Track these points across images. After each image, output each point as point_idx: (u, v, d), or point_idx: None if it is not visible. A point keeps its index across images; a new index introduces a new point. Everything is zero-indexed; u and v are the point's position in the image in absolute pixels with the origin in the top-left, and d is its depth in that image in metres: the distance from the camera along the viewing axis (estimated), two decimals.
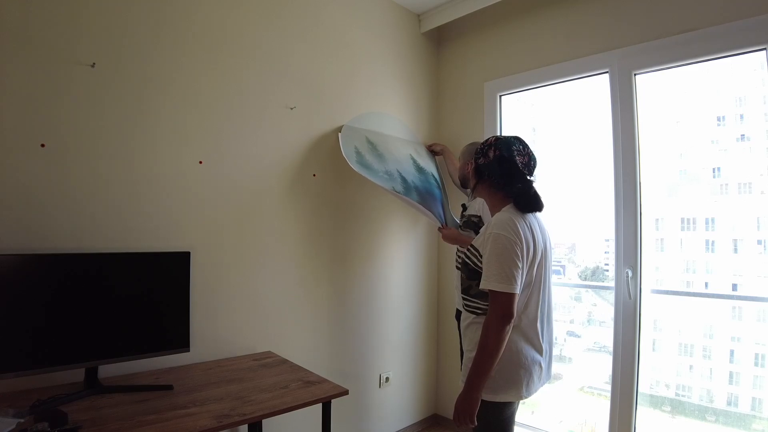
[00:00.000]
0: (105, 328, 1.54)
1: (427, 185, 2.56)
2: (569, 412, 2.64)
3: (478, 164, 1.53)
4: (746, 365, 2.08)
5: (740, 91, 2.11)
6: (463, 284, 1.54)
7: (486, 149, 1.51)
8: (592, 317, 2.66)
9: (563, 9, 2.49)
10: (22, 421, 1.16)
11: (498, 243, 1.35)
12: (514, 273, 1.33)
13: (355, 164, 2.28)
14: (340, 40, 2.51)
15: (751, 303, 2.08)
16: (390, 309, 2.75)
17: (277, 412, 1.44)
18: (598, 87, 2.37)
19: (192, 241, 1.90)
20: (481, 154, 1.52)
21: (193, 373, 1.76)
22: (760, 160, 2.05)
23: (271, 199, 2.19)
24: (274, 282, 2.19)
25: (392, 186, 2.32)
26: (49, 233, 1.56)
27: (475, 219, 2.08)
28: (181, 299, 1.71)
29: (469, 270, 1.47)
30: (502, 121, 2.81)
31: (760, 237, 2.04)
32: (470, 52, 2.94)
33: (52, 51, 1.57)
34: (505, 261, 1.33)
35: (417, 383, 2.93)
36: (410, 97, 2.92)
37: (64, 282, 1.47)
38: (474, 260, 1.45)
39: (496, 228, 1.38)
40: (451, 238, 2.27)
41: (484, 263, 1.38)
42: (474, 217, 2.09)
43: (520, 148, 1.47)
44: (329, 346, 2.42)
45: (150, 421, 1.29)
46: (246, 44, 2.10)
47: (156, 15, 1.82)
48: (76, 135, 1.63)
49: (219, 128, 2.01)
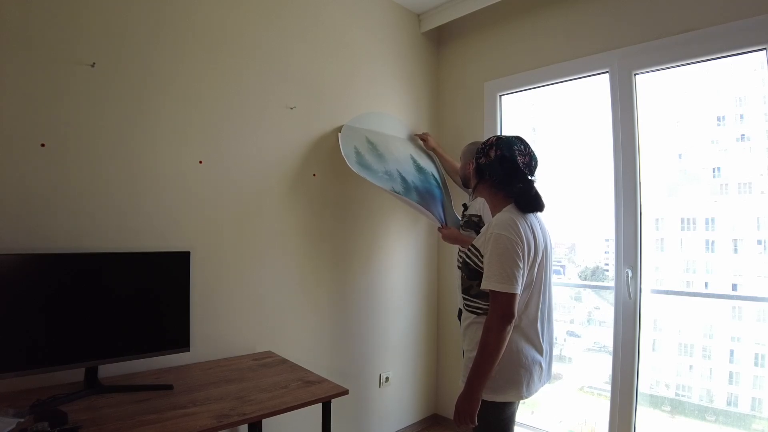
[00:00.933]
0: (105, 327, 1.54)
1: (428, 185, 2.56)
2: (569, 412, 2.64)
3: (479, 164, 1.53)
4: (746, 365, 2.08)
5: (740, 91, 2.11)
6: (463, 284, 1.54)
7: (487, 149, 1.51)
8: (592, 317, 2.66)
9: (563, 9, 2.49)
10: (22, 420, 1.16)
11: (499, 243, 1.35)
12: (515, 273, 1.33)
13: (355, 164, 2.28)
14: (340, 40, 2.51)
15: (751, 303, 2.08)
16: (390, 309, 2.75)
17: (277, 412, 1.44)
18: (598, 87, 2.37)
19: (192, 241, 1.90)
20: (482, 154, 1.52)
21: (193, 372, 1.76)
22: (760, 160, 2.05)
23: (271, 198, 2.19)
24: (274, 282, 2.19)
25: (392, 186, 2.32)
26: (49, 233, 1.56)
27: (475, 219, 2.08)
28: (181, 299, 1.71)
29: (470, 270, 1.47)
30: (502, 121, 2.81)
31: (760, 237, 2.04)
32: (470, 52, 2.94)
33: (52, 51, 1.57)
34: (506, 261, 1.33)
35: (417, 383, 2.93)
36: (410, 97, 2.92)
37: (64, 282, 1.47)
38: (474, 260, 1.45)
39: (498, 228, 1.38)
40: (451, 238, 2.27)
41: (486, 263, 1.38)
42: (474, 216, 2.09)
43: (522, 148, 1.47)
44: (329, 346, 2.42)
45: (150, 421, 1.29)
46: (246, 44, 2.10)
47: (156, 15, 1.82)
48: (76, 135, 1.63)
49: (219, 128, 2.01)
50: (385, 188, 2.27)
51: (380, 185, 2.27)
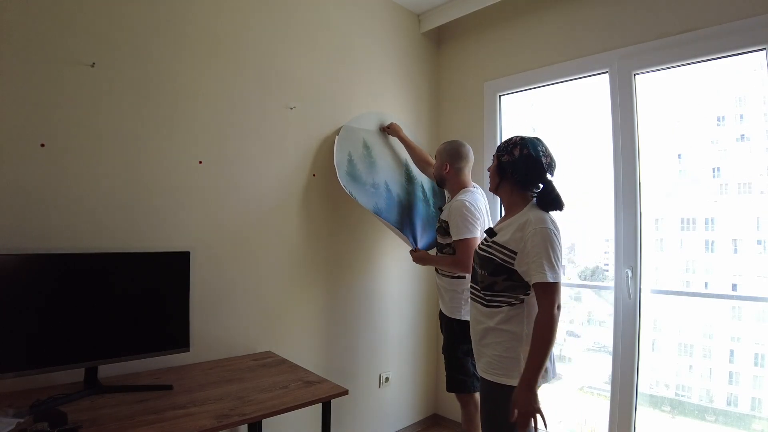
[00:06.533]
0: (105, 328, 1.54)
1: (413, 198, 2.55)
2: (569, 412, 2.64)
3: (502, 161, 1.55)
4: (746, 365, 2.08)
5: (740, 91, 2.11)
6: (483, 281, 1.53)
7: (511, 147, 1.53)
8: (592, 317, 2.66)
9: (563, 9, 2.49)
10: (22, 421, 1.16)
11: (547, 236, 1.40)
12: (561, 264, 1.40)
13: (344, 176, 2.28)
14: (340, 40, 2.51)
15: (750, 303, 2.08)
16: (390, 308, 2.75)
17: (277, 412, 1.44)
18: (598, 87, 2.37)
19: (192, 241, 1.90)
20: (505, 152, 1.55)
21: (193, 373, 1.76)
22: (760, 160, 2.05)
23: (270, 198, 2.19)
24: (274, 281, 2.19)
25: (375, 202, 2.33)
26: (48, 233, 1.56)
27: (444, 225, 2.07)
28: (181, 299, 1.71)
29: (495, 266, 1.49)
30: (502, 121, 2.81)
31: (760, 237, 2.04)
32: (470, 52, 2.94)
33: (52, 51, 1.57)
34: (554, 253, 1.40)
35: (417, 383, 2.93)
36: (410, 97, 2.91)
37: (64, 282, 1.47)
38: (501, 257, 1.47)
39: (540, 223, 1.42)
40: (422, 259, 2.28)
41: (533, 257, 1.40)
42: (444, 222, 2.08)
43: (544, 149, 1.52)
44: (329, 346, 2.42)
45: (150, 421, 1.29)
46: (246, 44, 2.10)
47: (156, 15, 1.82)
48: (76, 135, 1.63)
49: (219, 128, 2.01)
50: (368, 207, 2.28)
51: (363, 203, 2.27)
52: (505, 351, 1.47)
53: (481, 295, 1.55)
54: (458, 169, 2.14)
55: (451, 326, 2.11)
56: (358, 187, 2.32)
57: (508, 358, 1.46)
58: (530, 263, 1.40)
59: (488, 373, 1.51)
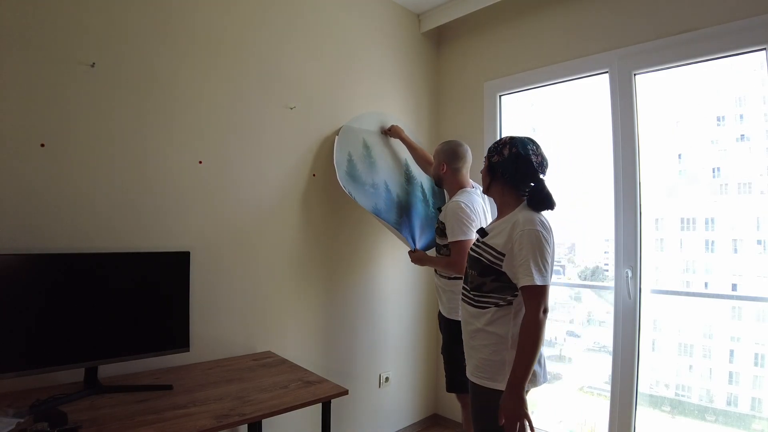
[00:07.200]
0: (105, 328, 1.54)
1: (412, 198, 2.55)
2: (569, 412, 2.64)
3: (492, 162, 1.55)
4: (746, 365, 2.08)
5: (740, 91, 2.11)
6: (473, 282, 1.53)
7: (500, 147, 1.53)
8: (592, 317, 2.66)
9: (563, 9, 2.49)
10: (22, 421, 1.16)
11: (535, 238, 1.38)
12: (549, 267, 1.39)
13: (344, 176, 2.28)
14: (340, 39, 2.51)
15: (750, 303, 2.08)
16: (390, 308, 2.75)
17: (277, 412, 1.44)
18: (598, 87, 2.37)
19: (192, 241, 1.90)
20: (494, 152, 1.54)
21: (193, 373, 1.77)
22: (760, 160, 2.05)
23: (271, 198, 2.19)
24: (274, 281, 2.19)
25: (374, 203, 2.33)
26: (48, 233, 1.56)
27: (441, 226, 2.07)
28: (181, 299, 1.71)
29: (483, 267, 1.48)
30: (502, 121, 2.81)
31: (760, 237, 2.04)
32: (470, 52, 2.94)
33: (52, 51, 1.57)
34: (542, 255, 1.38)
35: (417, 383, 2.93)
36: (410, 97, 2.91)
37: (64, 282, 1.47)
38: (489, 257, 1.46)
39: (530, 224, 1.40)
40: (420, 260, 2.28)
41: (520, 260, 1.38)
42: (441, 223, 2.08)
43: (534, 148, 1.50)
44: (329, 346, 2.42)
45: (150, 421, 1.29)
46: (246, 44, 2.10)
47: (156, 15, 1.82)
48: (76, 135, 1.63)
49: (219, 128, 2.01)
50: (367, 208, 2.28)
51: (362, 203, 2.27)
52: (492, 354, 1.46)
53: (470, 296, 1.54)
54: (456, 170, 2.14)
55: (449, 327, 2.11)
56: (358, 188, 2.32)
57: (494, 361, 1.45)
58: (517, 266, 1.39)
59: (475, 376, 1.51)
